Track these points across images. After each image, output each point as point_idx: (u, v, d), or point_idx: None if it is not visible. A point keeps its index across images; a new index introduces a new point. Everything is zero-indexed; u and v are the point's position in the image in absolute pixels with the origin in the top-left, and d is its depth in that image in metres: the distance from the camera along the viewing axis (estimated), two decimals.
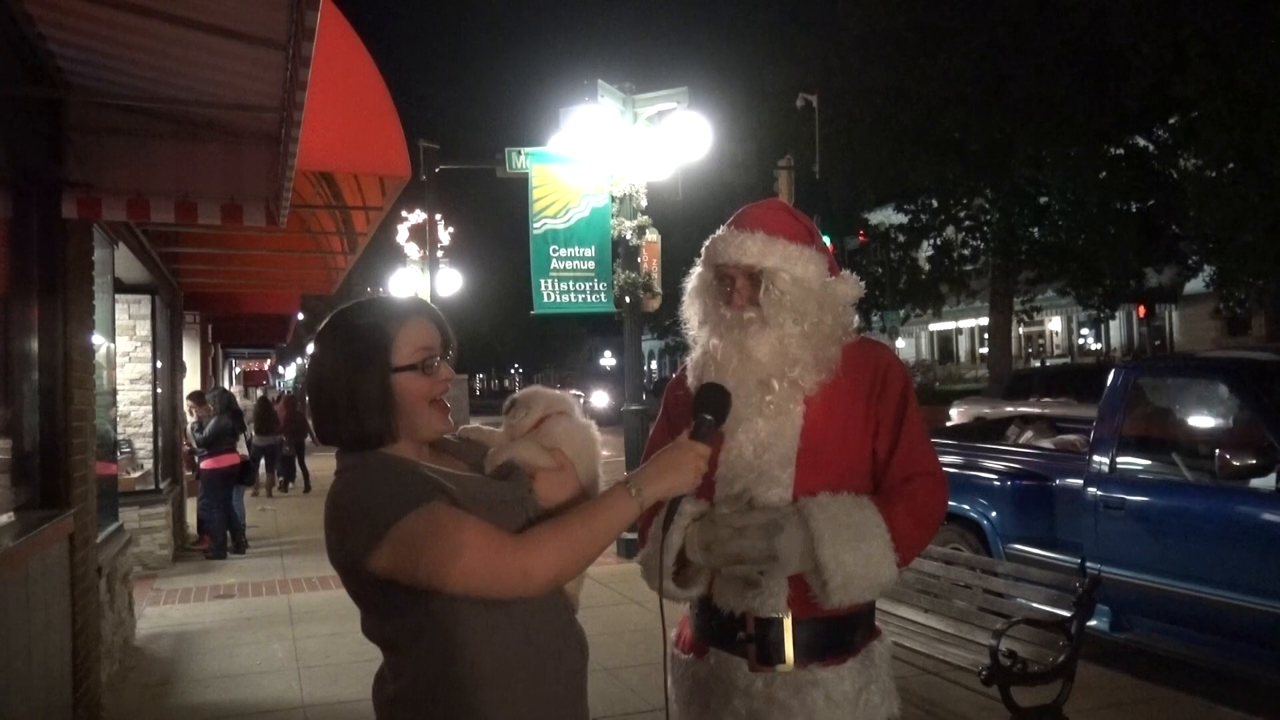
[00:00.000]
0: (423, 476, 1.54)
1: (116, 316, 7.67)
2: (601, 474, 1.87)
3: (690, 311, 2.22)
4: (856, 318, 2.16)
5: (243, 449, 10.74)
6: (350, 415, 1.56)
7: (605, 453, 1.91)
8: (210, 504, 9.76)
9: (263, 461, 14.69)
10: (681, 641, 2.21)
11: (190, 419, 10.38)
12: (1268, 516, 4.47)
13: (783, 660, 1.99)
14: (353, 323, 1.61)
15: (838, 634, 2.02)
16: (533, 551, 1.50)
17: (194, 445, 10.16)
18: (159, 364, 9.24)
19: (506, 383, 58.27)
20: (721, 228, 2.17)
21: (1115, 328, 36.07)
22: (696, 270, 2.21)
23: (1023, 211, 24.79)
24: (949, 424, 13.74)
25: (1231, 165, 18.40)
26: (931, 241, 28.61)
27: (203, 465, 9.91)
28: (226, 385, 19.80)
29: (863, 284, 2.18)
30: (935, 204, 26.67)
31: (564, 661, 1.63)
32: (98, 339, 5.47)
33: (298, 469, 16.10)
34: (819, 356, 2.04)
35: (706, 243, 2.19)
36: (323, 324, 1.65)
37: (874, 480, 2.07)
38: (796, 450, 2.01)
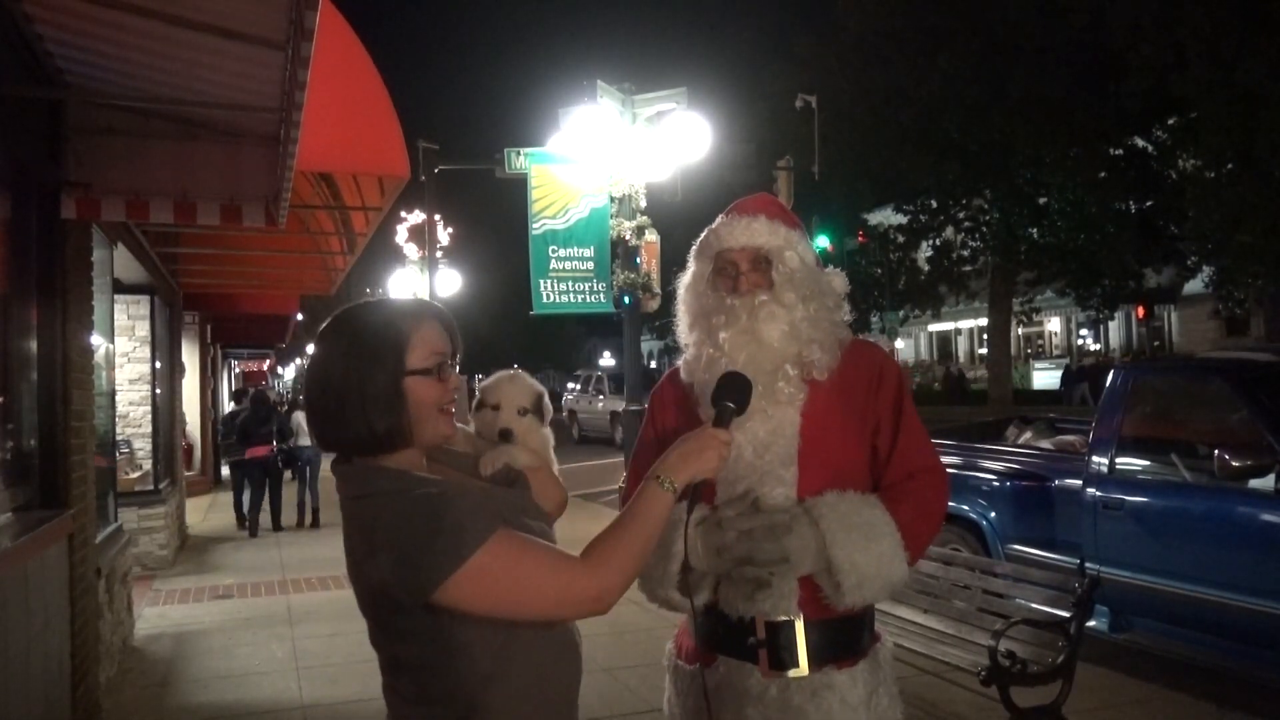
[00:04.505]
0: (477, 502, 1.51)
1: (115, 317, 7.66)
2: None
3: (684, 309, 2.18)
4: (849, 310, 2.16)
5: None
6: (359, 416, 1.50)
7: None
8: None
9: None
10: (683, 652, 2.15)
11: None
12: (1266, 517, 4.47)
13: (796, 664, 1.95)
14: (365, 320, 1.55)
15: (848, 635, 2.00)
16: (600, 572, 1.50)
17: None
18: (158, 364, 9.24)
19: None
20: (719, 218, 2.16)
21: (1114, 328, 36.07)
22: (691, 268, 2.19)
23: (1022, 212, 24.82)
24: None
25: (1230, 166, 18.43)
26: (931, 242, 28.62)
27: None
28: (226, 385, 19.86)
29: (846, 278, 2.19)
30: (934, 204, 26.69)
31: (562, 676, 1.62)
32: (96, 339, 5.46)
33: None
34: (829, 337, 2.05)
35: (703, 235, 2.17)
36: (327, 322, 1.58)
37: (874, 477, 2.06)
38: (797, 448, 1.99)
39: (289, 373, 47.40)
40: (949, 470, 2.17)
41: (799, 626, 1.96)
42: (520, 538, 1.50)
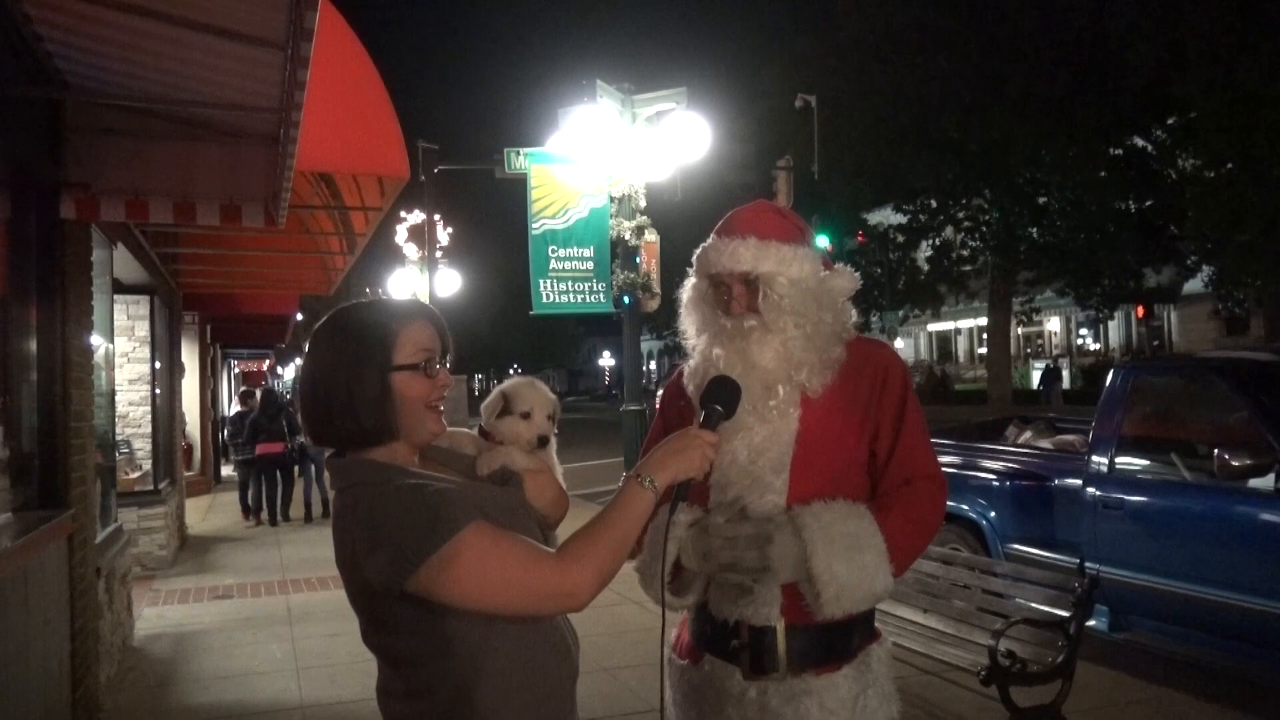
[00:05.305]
0: (458, 494, 1.52)
1: (115, 317, 7.65)
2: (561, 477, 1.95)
3: (688, 322, 2.19)
4: (854, 313, 2.14)
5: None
6: (348, 412, 1.53)
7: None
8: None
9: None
10: (679, 646, 2.19)
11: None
12: (1266, 516, 4.47)
13: (776, 669, 1.97)
14: (354, 319, 1.59)
15: (832, 641, 2.00)
16: (573, 569, 1.50)
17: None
18: (158, 364, 9.24)
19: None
20: (711, 236, 2.13)
21: (1114, 328, 36.10)
22: (690, 280, 2.19)
23: (1021, 212, 24.85)
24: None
25: (1230, 165, 18.44)
26: (930, 242, 28.66)
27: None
28: (226, 385, 19.87)
29: (858, 275, 2.16)
30: (934, 204, 26.73)
31: (552, 673, 1.62)
32: (96, 339, 5.46)
33: None
34: (824, 357, 2.03)
35: (697, 252, 2.15)
36: (320, 321, 1.62)
37: (871, 481, 2.05)
38: (791, 455, 1.99)
39: (288, 372, 47.36)
40: (949, 470, 2.16)
41: (780, 632, 1.97)
42: (496, 531, 1.50)
